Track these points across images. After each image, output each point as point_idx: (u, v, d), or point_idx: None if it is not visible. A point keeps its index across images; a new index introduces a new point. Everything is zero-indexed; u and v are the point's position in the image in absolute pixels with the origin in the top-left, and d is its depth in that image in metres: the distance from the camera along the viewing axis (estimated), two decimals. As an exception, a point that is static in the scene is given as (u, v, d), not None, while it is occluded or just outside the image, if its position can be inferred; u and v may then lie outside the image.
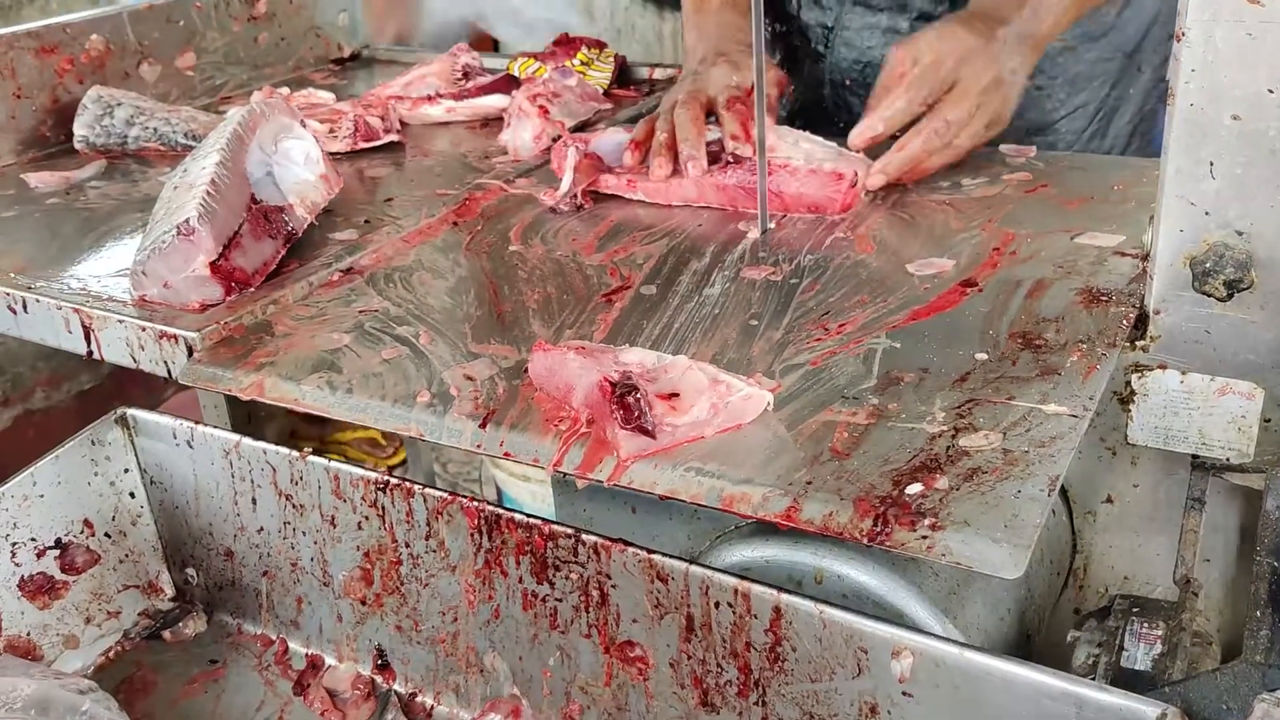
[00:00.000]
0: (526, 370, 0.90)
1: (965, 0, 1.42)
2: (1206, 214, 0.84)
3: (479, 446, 0.85)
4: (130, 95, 1.55)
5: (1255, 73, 0.79)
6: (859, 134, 1.22)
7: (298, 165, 1.22)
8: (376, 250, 1.17)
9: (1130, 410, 0.92)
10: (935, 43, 1.20)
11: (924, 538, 0.70)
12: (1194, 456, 0.92)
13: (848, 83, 1.53)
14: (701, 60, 1.38)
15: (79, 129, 1.52)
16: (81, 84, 1.58)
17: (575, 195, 1.26)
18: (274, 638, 1.03)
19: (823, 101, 1.56)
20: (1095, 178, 1.20)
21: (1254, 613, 0.69)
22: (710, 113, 1.29)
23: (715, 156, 1.25)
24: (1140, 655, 0.82)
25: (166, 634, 1.05)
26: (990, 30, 1.20)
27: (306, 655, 1.01)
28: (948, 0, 1.44)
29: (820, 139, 1.26)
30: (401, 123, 1.56)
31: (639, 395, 0.79)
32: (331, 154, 1.42)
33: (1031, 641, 0.94)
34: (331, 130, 1.47)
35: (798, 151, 1.24)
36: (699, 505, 0.77)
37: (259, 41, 1.82)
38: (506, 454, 0.83)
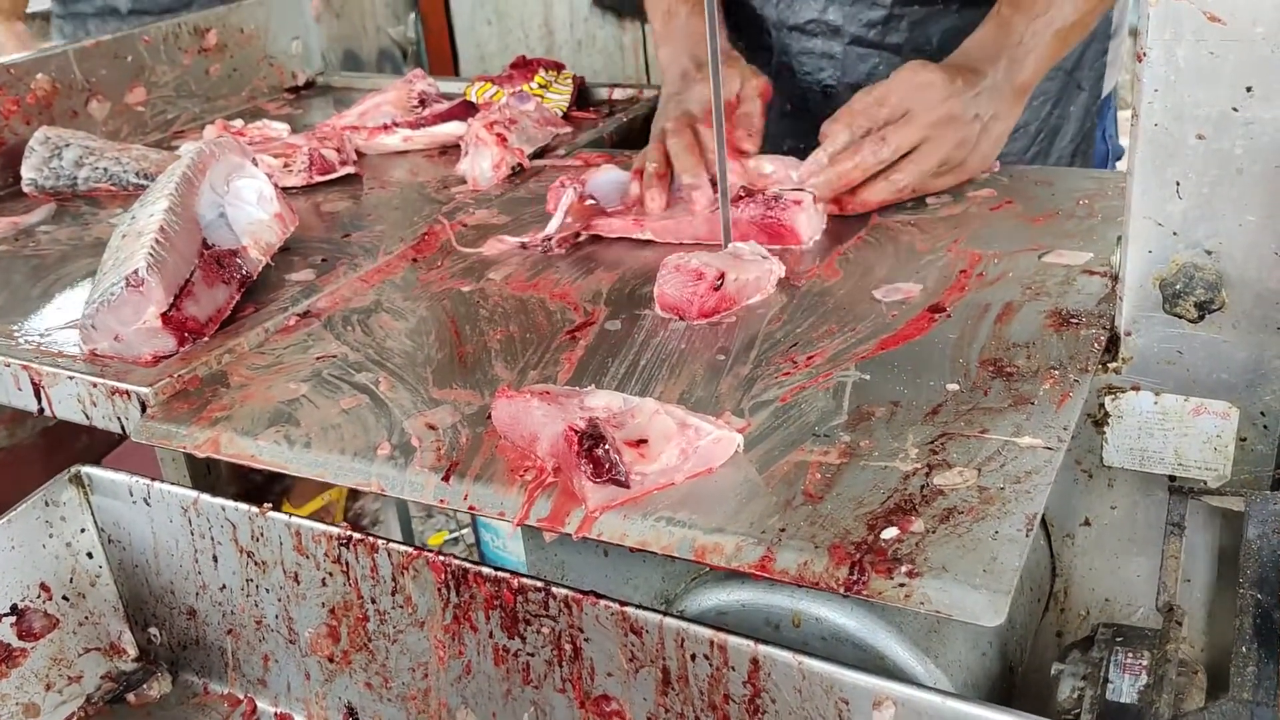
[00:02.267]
0: (490, 417, 0.88)
1: (898, 24, 1.39)
2: (1174, 234, 0.83)
3: (442, 501, 0.82)
4: (79, 135, 1.52)
5: (1218, 91, 0.78)
6: (806, 168, 1.16)
7: (251, 205, 1.20)
8: (334, 291, 1.14)
9: (1105, 432, 0.91)
10: (891, 76, 1.14)
11: (901, 585, 0.68)
12: (1171, 478, 0.91)
13: (789, 107, 1.50)
14: (681, 76, 1.33)
15: (27, 171, 1.48)
16: (29, 125, 1.55)
17: (577, 235, 1.20)
18: (241, 697, 1.00)
19: (769, 125, 1.53)
20: (1060, 192, 1.19)
21: (1240, 648, 0.68)
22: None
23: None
24: (1125, 687, 0.80)
25: (131, 697, 1.02)
26: (958, 72, 1.13)
27: (275, 715, 0.98)
28: (880, 24, 1.41)
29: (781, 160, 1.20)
30: (358, 153, 1.54)
31: (607, 446, 0.77)
32: (287, 189, 1.40)
33: (1014, 673, 0.92)
34: (286, 165, 1.44)
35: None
36: (671, 556, 0.75)
37: (210, 73, 1.79)
38: (471, 508, 0.81)
